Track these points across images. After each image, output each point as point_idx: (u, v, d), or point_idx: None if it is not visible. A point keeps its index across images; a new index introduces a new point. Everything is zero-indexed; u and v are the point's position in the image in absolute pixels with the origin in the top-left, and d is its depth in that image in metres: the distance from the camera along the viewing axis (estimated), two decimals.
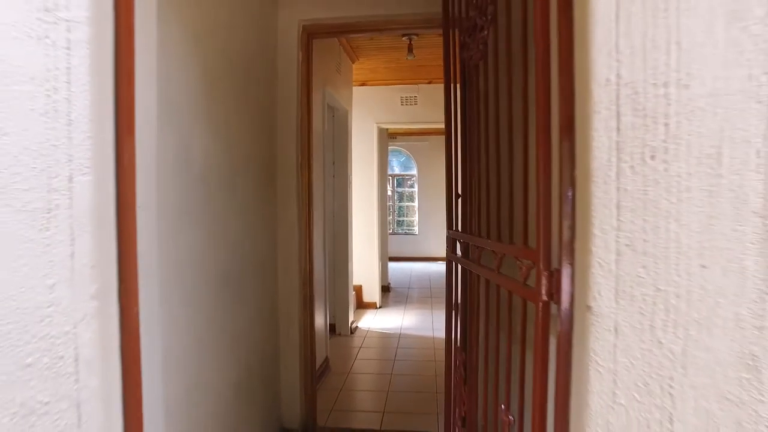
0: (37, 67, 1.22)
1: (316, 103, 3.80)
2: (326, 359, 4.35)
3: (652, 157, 1.04)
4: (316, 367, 3.80)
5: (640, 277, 1.05)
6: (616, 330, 1.07)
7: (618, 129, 1.05)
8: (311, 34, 3.14)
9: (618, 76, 1.05)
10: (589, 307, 1.08)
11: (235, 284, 2.58)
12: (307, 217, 3.29)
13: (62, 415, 1.27)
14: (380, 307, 7.16)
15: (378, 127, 7.16)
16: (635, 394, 1.07)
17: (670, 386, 1.06)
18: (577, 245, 1.12)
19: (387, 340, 5.52)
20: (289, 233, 3.20)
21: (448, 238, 2.39)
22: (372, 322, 6.31)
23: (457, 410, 2.22)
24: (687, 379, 1.05)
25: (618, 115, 1.05)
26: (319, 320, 3.97)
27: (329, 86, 4.61)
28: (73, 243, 1.24)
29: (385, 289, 8.23)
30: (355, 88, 6.54)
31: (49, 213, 1.25)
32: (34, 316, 1.25)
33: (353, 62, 5.71)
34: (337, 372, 4.32)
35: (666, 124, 1.03)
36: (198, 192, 2.22)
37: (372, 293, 7.19)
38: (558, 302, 1.15)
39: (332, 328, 5.48)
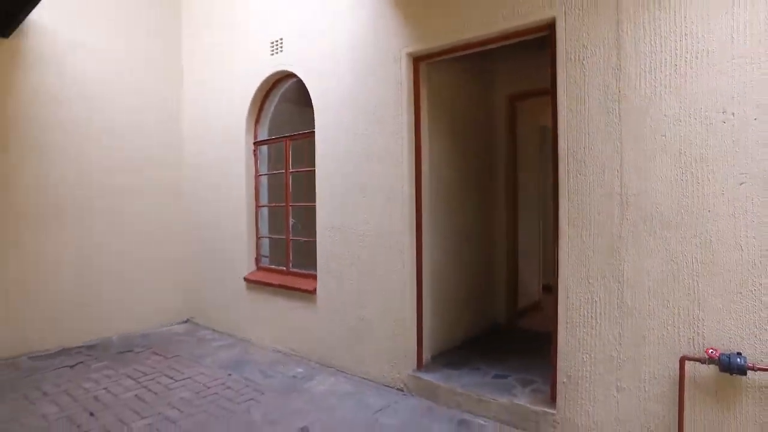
0: (396, 148, 3.85)
1: (527, 130, 5.72)
2: (538, 300, 6.18)
3: (580, 174, 2.88)
4: (528, 304, 5.75)
5: (577, 215, 2.91)
6: (569, 237, 2.94)
7: (568, 164, 2.92)
8: (513, 99, 5.16)
9: (569, 147, 2.92)
10: (564, 231, 2.98)
11: (465, 237, 4.81)
12: (513, 206, 5.29)
13: (399, 265, 3.89)
14: None
15: None
16: (577, 256, 2.92)
17: (589, 257, 2.87)
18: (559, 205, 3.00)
19: None
20: (500, 215, 5.27)
21: None
22: None
23: None
24: (594, 256, 2.84)
25: (567, 161, 2.92)
26: (530, 272, 5.86)
27: (542, 116, 6.39)
28: (403, 207, 3.85)
29: None
30: None
31: (395, 199, 3.90)
32: (394, 233, 3.92)
33: None
34: (544, 309, 6.09)
35: (584, 162, 2.86)
36: (445, 193, 4.53)
37: None
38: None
39: (551, 288, 7.19)
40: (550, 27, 3.05)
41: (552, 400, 3.12)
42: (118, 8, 5.66)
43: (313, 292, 4.59)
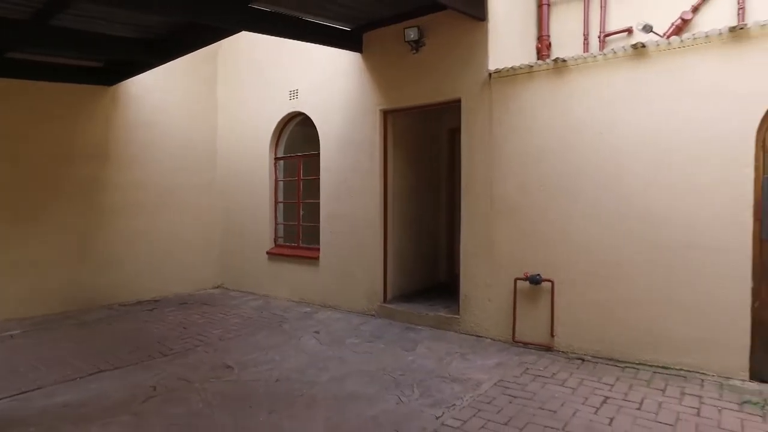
0: (372, 165, 6.28)
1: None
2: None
3: (470, 184, 5.29)
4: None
5: (469, 207, 5.31)
6: (465, 219, 5.34)
7: (465, 179, 5.33)
8: (453, 131, 7.53)
9: (465, 170, 5.33)
10: (463, 216, 5.38)
11: (418, 222, 7.16)
12: (452, 202, 7.66)
13: (372, 239, 6.27)
14: None
15: None
16: (469, 229, 5.32)
17: (475, 230, 5.27)
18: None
19: None
20: (443, 208, 7.64)
21: None
22: None
23: None
24: (478, 229, 5.25)
25: (465, 178, 5.33)
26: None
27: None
28: (375, 202, 6.22)
29: None
30: None
31: (371, 197, 6.30)
32: (369, 218, 6.33)
33: None
34: None
35: (472, 178, 5.27)
36: (404, 193, 6.86)
37: None
38: None
39: None
40: (458, 102, 5.45)
41: (457, 312, 5.51)
42: (181, 62, 7.91)
43: (317, 258, 6.93)
